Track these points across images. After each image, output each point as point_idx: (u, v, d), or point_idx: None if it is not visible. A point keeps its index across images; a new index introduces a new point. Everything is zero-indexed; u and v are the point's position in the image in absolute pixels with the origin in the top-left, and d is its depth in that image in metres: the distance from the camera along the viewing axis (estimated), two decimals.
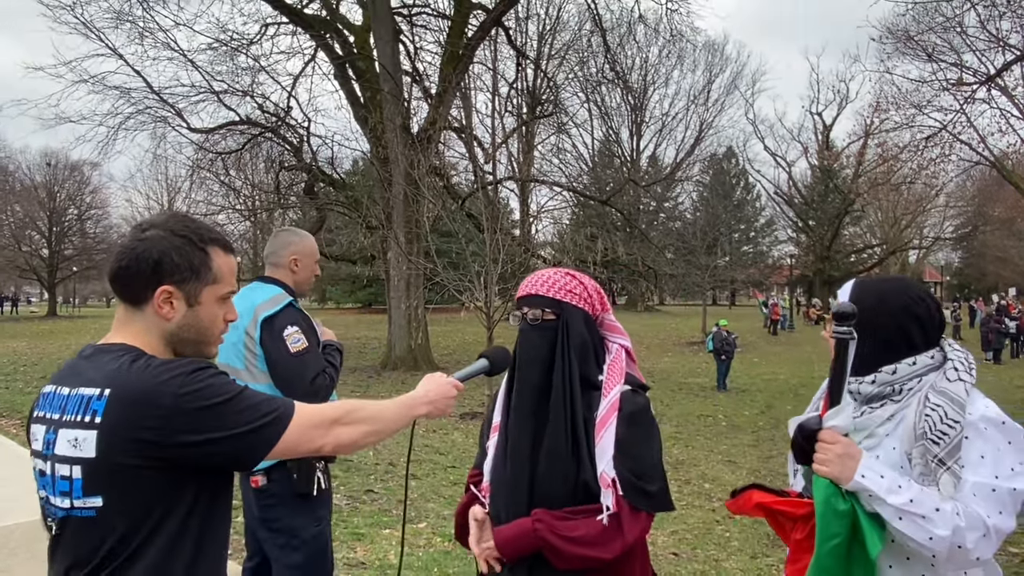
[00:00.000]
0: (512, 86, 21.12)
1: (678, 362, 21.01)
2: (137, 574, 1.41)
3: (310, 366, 2.91)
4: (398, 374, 16.49)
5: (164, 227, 1.50)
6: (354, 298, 48.51)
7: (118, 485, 1.38)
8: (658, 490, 1.86)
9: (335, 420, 1.55)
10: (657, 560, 5.13)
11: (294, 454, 1.53)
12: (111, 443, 1.37)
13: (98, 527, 1.40)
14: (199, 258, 1.51)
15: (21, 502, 6.05)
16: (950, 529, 1.51)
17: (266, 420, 1.44)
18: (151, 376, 1.39)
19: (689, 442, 9.64)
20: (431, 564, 4.88)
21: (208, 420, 1.38)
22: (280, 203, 22.48)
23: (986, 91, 19.07)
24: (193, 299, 1.51)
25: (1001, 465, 1.57)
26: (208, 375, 1.42)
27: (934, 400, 1.63)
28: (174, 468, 1.40)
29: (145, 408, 1.36)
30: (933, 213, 49.59)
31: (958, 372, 1.68)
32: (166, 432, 1.36)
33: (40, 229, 45.05)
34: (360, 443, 1.61)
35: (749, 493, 1.76)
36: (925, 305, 1.75)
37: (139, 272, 1.47)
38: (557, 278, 1.94)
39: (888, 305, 1.74)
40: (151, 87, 18.59)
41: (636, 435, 1.83)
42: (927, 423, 1.61)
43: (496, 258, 11.92)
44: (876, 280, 1.86)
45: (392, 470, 7.68)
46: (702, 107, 49.12)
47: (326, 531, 3.06)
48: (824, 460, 1.60)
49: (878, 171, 29.32)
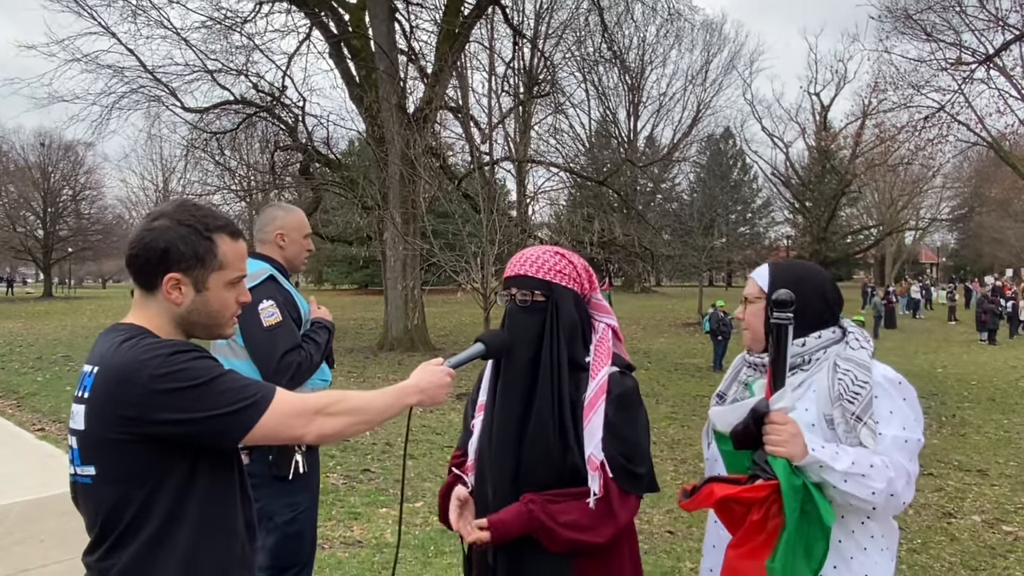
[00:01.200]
0: (509, 65, 20.93)
1: (674, 343, 21.05)
2: (135, 552, 1.48)
3: (280, 341, 2.82)
4: (395, 355, 16.49)
5: (172, 217, 1.57)
6: (350, 279, 48.50)
7: (106, 456, 1.48)
8: (646, 472, 1.86)
9: (318, 410, 1.57)
10: (652, 539, 5.16)
11: (275, 440, 1.56)
12: (96, 417, 1.47)
13: (93, 496, 1.51)
14: (204, 246, 1.57)
15: (17, 481, 6.07)
16: (885, 481, 1.67)
17: (242, 405, 1.48)
18: (133, 356, 1.46)
19: (685, 422, 9.67)
20: (428, 543, 4.90)
21: (183, 401, 1.44)
22: (275, 183, 22.34)
23: (985, 71, 19.03)
24: (201, 285, 1.58)
25: (906, 419, 1.77)
26: (188, 358, 1.48)
27: (843, 366, 1.81)
28: (159, 443, 1.46)
29: (124, 386, 1.44)
30: (930, 194, 49.57)
31: (859, 342, 1.87)
32: (144, 409, 1.43)
33: (35, 210, 44.86)
34: (344, 433, 1.63)
35: (709, 488, 1.75)
36: (832, 286, 1.96)
37: (148, 260, 1.55)
38: (547, 258, 1.91)
39: (804, 287, 1.89)
40: (144, 66, 18.41)
41: (625, 418, 1.83)
42: (841, 386, 1.78)
43: (493, 239, 11.90)
44: (788, 264, 2.01)
45: (389, 450, 7.70)
46: (700, 87, 48.81)
47: (303, 518, 2.98)
48: (779, 441, 1.66)
49: (875, 152, 29.27)
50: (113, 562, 1.50)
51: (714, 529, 1.98)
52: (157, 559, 1.49)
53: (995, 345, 21.62)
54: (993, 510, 6.11)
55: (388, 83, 16.96)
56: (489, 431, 1.92)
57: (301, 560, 3.03)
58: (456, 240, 13.71)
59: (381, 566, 4.54)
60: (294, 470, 2.90)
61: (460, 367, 1.86)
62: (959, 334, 25.18)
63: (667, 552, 4.95)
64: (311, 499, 3.07)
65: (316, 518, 3.20)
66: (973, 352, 20.00)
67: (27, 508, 5.42)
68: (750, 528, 1.66)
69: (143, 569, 1.49)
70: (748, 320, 1.99)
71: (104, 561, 1.51)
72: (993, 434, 9.32)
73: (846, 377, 1.79)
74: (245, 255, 1.67)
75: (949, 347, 21.10)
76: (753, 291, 1.98)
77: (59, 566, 4.34)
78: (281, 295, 2.94)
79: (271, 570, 2.88)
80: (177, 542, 1.50)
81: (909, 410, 1.79)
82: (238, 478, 1.65)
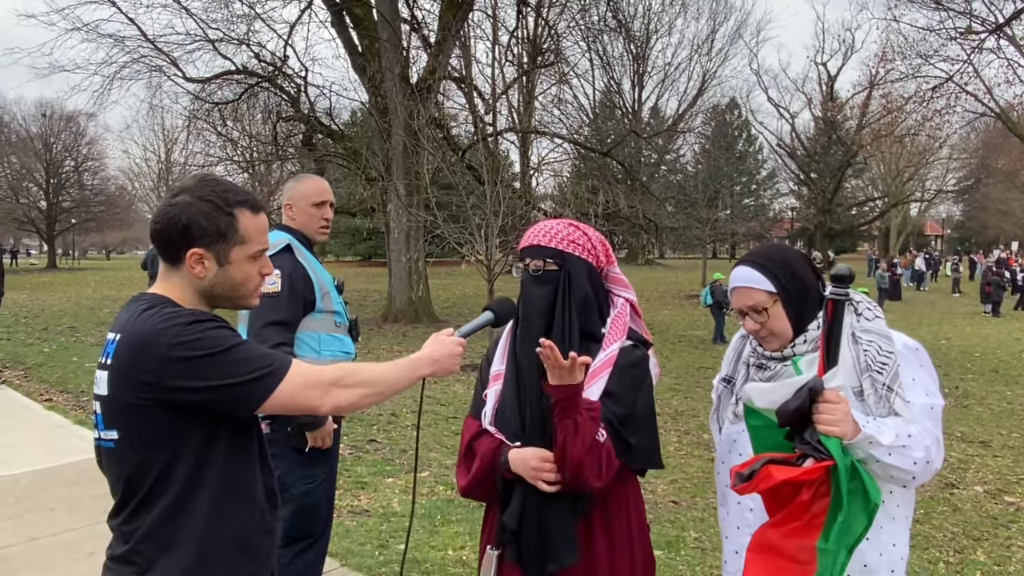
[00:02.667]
0: (512, 35, 20.69)
1: (678, 315, 21.06)
2: (157, 516, 1.53)
3: (266, 311, 2.76)
4: (399, 327, 16.53)
5: (192, 192, 1.60)
6: (354, 251, 48.50)
7: (128, 421, 1.52)
8: (640, 442, 1.86)
9: (333, 382, 1.60)
10: (657, 508, 5.20)
11: (291, 410, 1.60)
12: (119, 382, 1.52)
13: (117, 459, 1.56)
14: (225, 221, 1.60)
15: (26, 451, 6.13)
16: (923, 449, 1.68)
17: (258, 374, 1.52)
18: (153, 324, 1.50)
19: (688, 393, 9.71)
20: (434, 512, 4.95)
21: (200, 369, 1.48)
22: (278, 155, 22.24)
23: (994, 40, 18.78)
24: (223, 259, 1.62)
25: (927, 385, 1.77)
26: (206, 327, 1.52)
27: (865, 337, 1.78)
28: (177, 409, 1.50)
29: (143, 353, 1.49)
30: (936, 165, 49.24)
31: (872, 312, 1.83)
32: (162, 375, 1.47)
33: (37, 181, 44.79)
34: (359, 404, 1.66)
35: (767, 471, 1.70)
36: (810, 261, 1.95)
37: (171, 236, 1.59)
38: (560, 228, 1.91)
39: (799, 269, 1.87)
40: (145, 35, 18.26)
41: (625, 386, 1.84)
42: (868, 357, 1.76)
43: (497, 211, 11.85)
44: (766, 254, 1.91)
45: (395, 421, 7.75)
46: (705, 57, 48.27)
47: (319, 491, 3.00)
48: (834, 420, 1.61)
49: (882, 123, 28.98)
50: (136, 525, 1.55)
51: (737, 511, 1.94)
52: (179, 523, 1.54)
53: (999, 317, 21.60)
54: (995, 481, 6.14)
55: (391, 53, 16.80)
56: (516, 400, 1.91)
57: (314, 532, 3.05)
58: (460, 212, 13.67)
59: (388, 534, 4.59)
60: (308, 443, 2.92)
61: (470, 336, 1.86)
62: (963, 306, 25.14)
63: (671, 522, 4.99)
64: (328, 472, 3.08)
65: (333, 492, 3.21)
66: (977, 324, 19.99)
67: (37, 477, 5.47)
68: (796, 508, 1.63)
69: (165, 533, 1.53)
70: (771, 327, 1.87)
71: (128, 524, 1.56)
72: (996, 406, 9.34)
73: (871, 348, 1.77)
74: (266, 228, 1.70)
75: (953, 319, 21.08)
76: (761, 299, 1.85)
77: (69, 534, 4.39)
78: (291, 265, 2.92)
79: (284, 539, 2.91)
80: (198, 507, 1.54)
81: (928, 376, 1.79)
82: (257, 446, 1.68)
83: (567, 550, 1.82)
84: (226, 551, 1.58)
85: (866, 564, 1.77)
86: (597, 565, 1.86)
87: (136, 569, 1.54)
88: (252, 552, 1.64)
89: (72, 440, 6.50)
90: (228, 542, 1.59)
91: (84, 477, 5.28)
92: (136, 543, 1.54)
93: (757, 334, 1.90)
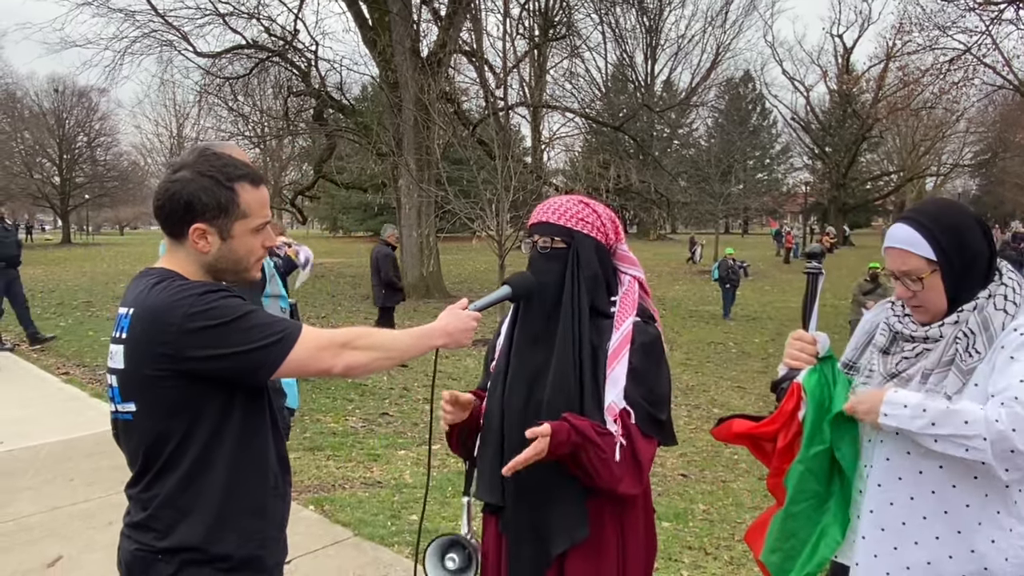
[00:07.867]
0: (524, 7, 20.48)
1: (689, 290, 21.03)
2: (175, 483, 1.57)
3: None
4: (410, 302, 16.53)
5: (193, 168, 1.61)
6: (365, 226, 48.43)
7: (145, 393, 1.56)
8: (667, 420, 1.87)
9: (345, 343, 1.63)
10: (666, 482, 5.24)
11: (304, 373, 1.65)
12: (135, 355, 1.55)
13: (135, 431, 1.59)
14: (226, 196, 1.61)
15: (45, 423, 6.23)
16: (987, 436, 1.49)
17: (272, 340, 1.54)
18: (166, 296, 1.53)
19: (699, 368, 9.73)
20: (445, 484, 5.01)
21: (215, 338, 1.51)
22: (289, 130, 22.22)
23: (1014, 11, 18.43)
24: (226, 233, 1.64)
25: None
26: (218, 297, 1.54)
27: (970, 326, 1.63)
28: (194, 379, 1.53)
29: (160, 325, 1.52)
30: (953, 139, 48.51)
31: (1005, 301, 1.65)
32: (178, 347, 1.50)
33: (51, 156, 44.87)
34: (371, 367, 1.68)
35: (729, 423, 1.82)
36: (985, 226, 1.70)
37: (173, 211, 1.61)
38: (569, 205, 1.90)
39: (968, 237, 1.66)
40: (155, 10, 18.19)
41: (649, 365, 1.83)
42: (956, 349, 1.62)
43: (508, 186, 11.83)
44: (935, 208, 1.72)
45: (406, 394, 7.81)
46: (719, 29, 47.63)
47: None
48: (859, 399, 1.61)
49: (898, 96, 28.59)
50: (155, 493, 1.59)
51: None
52: (197, 490, 1.58)
53: None
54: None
55: (401, 26, 16.68)
56: (504, 375, 1.92)
57: None
58: (471, 187, 13.63)
59: (400, 505, 4.66)
60: None
61: (485, 310, 1.86)
62: None
63: (680, 494, 5.04)
64: None
65: None
66: None
67: (56, 448, 5.57)
68: (782, 454, 1.77)
69: (184, 499, 1.58)
70: (924, 298, 1.68)
71: (146, 492, 1.60)
72: None
73: (963, 341, 1.64)
74: (267, 201, 1.71)
75: None
76: (917, 266, 1.66)
77: (88, 504, 4.48)
78: None
79: None
80: (215, 474, 1.58)
81: None
82: (269, 413, 1.72)
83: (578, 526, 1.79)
84: (242, 515, 1.63)
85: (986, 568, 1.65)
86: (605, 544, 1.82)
87: (155, 535, 1.58)
88: (266, 516, 1.69)
89: (89, 412, 6.59)
90: (244, 507, 1.63)
91: (102, 449, 5.37)
92: (155, 510, 1.58)
93: (909, 302, 1.72)
